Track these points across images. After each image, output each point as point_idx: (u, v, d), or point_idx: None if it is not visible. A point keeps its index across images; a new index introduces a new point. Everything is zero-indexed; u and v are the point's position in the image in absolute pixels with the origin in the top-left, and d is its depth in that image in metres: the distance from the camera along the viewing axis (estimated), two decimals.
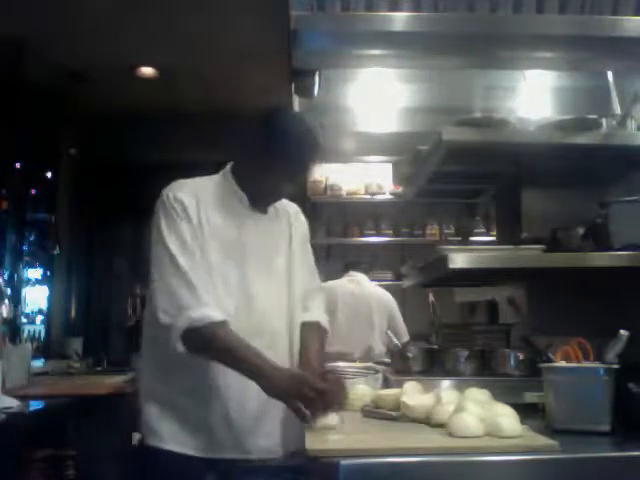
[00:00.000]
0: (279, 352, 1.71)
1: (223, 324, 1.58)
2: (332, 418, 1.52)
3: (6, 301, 4.06)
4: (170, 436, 1.64)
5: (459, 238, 5.29)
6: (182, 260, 1.61)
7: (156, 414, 1.67)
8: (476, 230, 5.23)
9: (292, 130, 1.69)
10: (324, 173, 5.34)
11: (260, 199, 1.77)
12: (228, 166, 1.81)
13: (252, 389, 1.57)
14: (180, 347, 1.56)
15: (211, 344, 1.58)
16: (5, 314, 3.88)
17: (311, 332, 1.79)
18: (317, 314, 1.84)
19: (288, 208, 1.87)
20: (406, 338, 3.91)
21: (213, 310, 1.58)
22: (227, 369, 1.59)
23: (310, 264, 1.90)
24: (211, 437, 1.64)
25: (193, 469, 1.62)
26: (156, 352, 1.69)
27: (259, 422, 1.66)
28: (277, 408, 1.63)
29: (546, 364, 1.62)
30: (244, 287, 1.69)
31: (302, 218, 1.92)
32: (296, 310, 1.79)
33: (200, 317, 1.55)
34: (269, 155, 1.66)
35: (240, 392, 1.62)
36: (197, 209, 1.68)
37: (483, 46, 2.13)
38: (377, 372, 2.31)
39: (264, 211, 1.79)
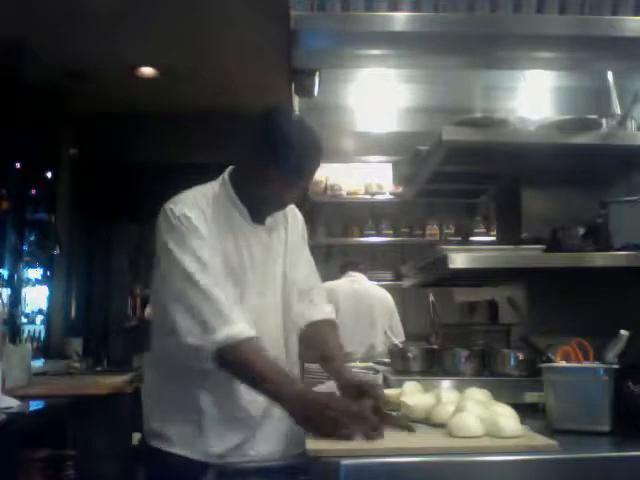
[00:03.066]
0: None
1: (250, 341, 1.52)
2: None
3: (1, 301, 4.07)
4: (171, 438, 1.63)
5: (459, 238, 5.29)
6: (200, 277, 1.54)
7: (158, 415, 1.66)
8: (476, 230, 5.23)
9: (291, 135, 1.61)
10: (324, 173, 5.34)
11: (259, 210, 1.70)
12: (226, 174, 1.73)
13: (255, 394, 1.57)
14: (210, 365, 1.52)
15: (236, 364, 1.53)
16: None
17: (328, 329, 1.78)
18: (329, 311, 1.83)
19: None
20: (402, 338, 3.92)
21: (240, 326, 1.53)
22: (229, 374, 1.57)
23: (309, 259, 1.87)
24: (212, 441, 1.62)
25: (193, 470, 1.61)
26: (161, 356, 1.67)
27: (261, 426, 1.65)
28: (279, 412, 1.62)
29: (546, 364, 1.62)
30: (242, 304, 1.64)
31: (298, 214, 1.87)
32: (290, 319, 1.76)
33: (228, 336, 1.50)
34: (268, 162, 1.59)
35: (243, 396, 1.61)
36: (205, 224, 1.62)
37: (483, 46, 2.13)
38: (377, 372, 2.30)
39: (262, 222, 1.72)
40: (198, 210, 1.63)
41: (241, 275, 1.66)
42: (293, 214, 1.85)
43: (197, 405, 1.62)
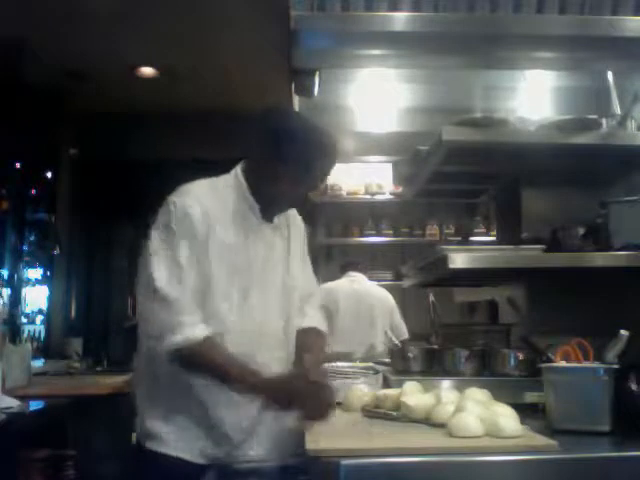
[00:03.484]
0: (276, 367, 1.68)
1: (206, 341, 1.54)
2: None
3: (1, 301, 4.07)
4: (167, 440, 1.61)
5: (459, 238, 5.29)
6: (164, 283, 1.54)
7: (155, 416, 1.64)
8: (476, 230, 5.24)
9: (301, 132, 1.63)
10: None
11: (269, 207, 1.70)
12: (239, 170, 1.71)
13: (247, 396, 1.58)
14: (169, 367, 1.56)
15: (196, 364, 1.56)
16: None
17: (311, 337, 1.77)
18: (317, 320, 1.83)
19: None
20: (405, 336, 3.93)
21: (194, 329, 1.53)
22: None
23: (308, 266, 1.87)
24: (211, 442, 1.62)
25: (193, 472, 1.61)
26: (153, 358, 1.67)
27: (256, 428, 1.65)
28: (273, 414, 1.63)
29: (546, 364, 1.62)
30: (246, 304, 1.65)
31: (299, 219, 1.87)
32: (292, 324, 1.76)
33: (180, 340, 1.51)
34: (277, 160, 1.60)
35: (237, 399, 1.61)
36: (206, 224, 1.59)
37: (483, 46, 2.13)
38: (377, 372, 2.30)
39: (270, 220, 1.73)
40: (202, 209, 1.61)
41: (245, 270, 1.65)
42: (294, 219, 1.85)
43: (196, 406, 1.62)
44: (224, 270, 1.62)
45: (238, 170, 1.72)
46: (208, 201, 1.63)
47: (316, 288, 1.91)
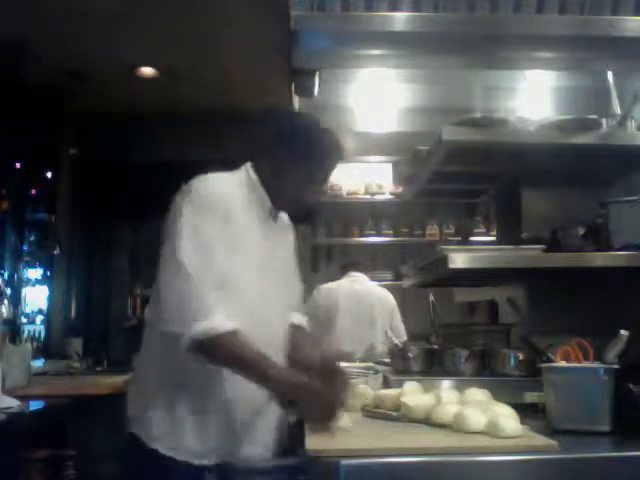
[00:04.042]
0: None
1: (232, 334, 1.49)
2: (344, 420, 1.49)
3: (5, 301, 4.06)
4: (167, 439, 1.61)
5: (459, 238, 5.29)
6: (194, 264, 1.49)
7: (153, 417, 1.64)
8: (476, 230, 5.24)
9: (316, 131, 1.67)
10: None
11: (279, 206, 1.72)
12: (250, 167, 1.71)
13: (245, 396, 1.58)
14: (189, 355, 1.51)
15: (222, 354, 1.51)
16: (5, 314, 3.88)
17: (302, 333, 1.79)
18: (305, 320, 1.85)
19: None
20: (403, 338, 3.92)
21: (223, 319, 1.49)
22: (222, 376, 1.58)
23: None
24: (208, 443, 1.61)
25: (191, 472, 1.61)
26: (156, 356, 1.67)
27: (257, 428, 1.65)
28: (269, 414, 1.64)
29: (546, 364, 1.62)
30: (258, 303, 1.63)
31: (290, 224, 1.86)
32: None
33: (209, 327, 1.46)
34: (295, 160, 1.64)
35: (237, 398, 1.61)
36: (234, 210, 1.58)
37: (483, 46, 2.13)
38: (377, 372, 2.30)
39: (275, 219, 1.74)
40: (224, 189, 1.60)
41: (258, 276, 1.64)
42: (288, 222, 1.85)
43: (197, 406, 1.61)
44: (242, 265, 1.59)
45: (249, 167, 1.72)
46: (228, 189, 1.62)
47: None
